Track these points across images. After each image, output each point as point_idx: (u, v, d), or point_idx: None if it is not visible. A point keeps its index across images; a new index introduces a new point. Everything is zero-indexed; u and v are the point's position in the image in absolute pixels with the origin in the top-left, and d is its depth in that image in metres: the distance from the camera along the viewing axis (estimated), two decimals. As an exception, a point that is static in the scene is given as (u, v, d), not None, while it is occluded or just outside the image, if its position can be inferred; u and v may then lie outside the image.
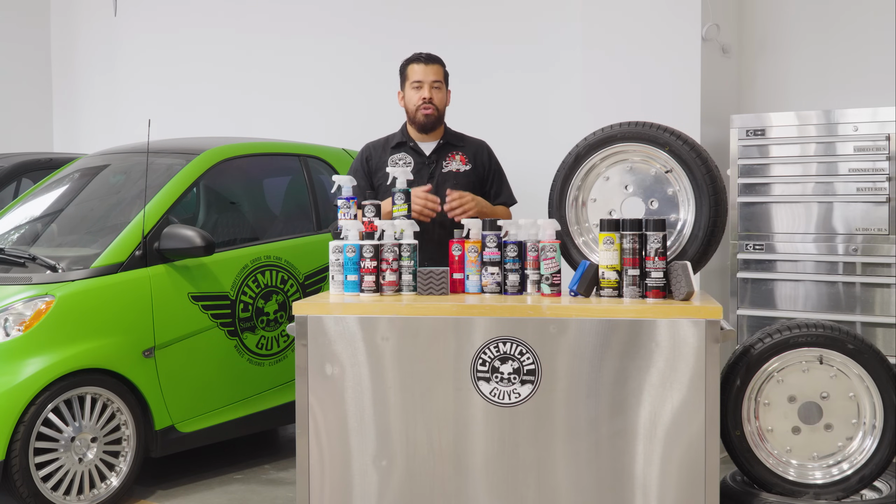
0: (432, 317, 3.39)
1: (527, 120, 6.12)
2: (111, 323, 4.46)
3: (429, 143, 4.28)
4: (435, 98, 4.23)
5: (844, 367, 3.63)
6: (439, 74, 4.27)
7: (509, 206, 4.37)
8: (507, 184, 4.39)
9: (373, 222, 3.71)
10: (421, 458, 3.40)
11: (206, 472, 5.05)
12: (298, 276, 5.25)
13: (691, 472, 3.29)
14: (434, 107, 4.22)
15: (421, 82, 4.23)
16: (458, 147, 4.31)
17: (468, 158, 4.29)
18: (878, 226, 4.56)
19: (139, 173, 4.99)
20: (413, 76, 4.25)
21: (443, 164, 4.24)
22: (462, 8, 6.41)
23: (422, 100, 4.21)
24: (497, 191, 4.34)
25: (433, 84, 4.23)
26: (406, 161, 4.24)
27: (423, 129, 4.25)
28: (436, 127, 4.27)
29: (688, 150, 3.64)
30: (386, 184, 4.13)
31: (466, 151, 4.31)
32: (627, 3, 5.33)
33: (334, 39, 7.04)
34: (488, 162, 4.35)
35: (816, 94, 5.35)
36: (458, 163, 4.25)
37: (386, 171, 4.21)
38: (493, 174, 4.35)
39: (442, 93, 4.27)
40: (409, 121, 4.30)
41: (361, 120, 6.53)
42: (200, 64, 7.72)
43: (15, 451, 4.09)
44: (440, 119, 4.28)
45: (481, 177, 4.31)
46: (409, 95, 4.26)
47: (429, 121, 4.22)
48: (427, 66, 4.25)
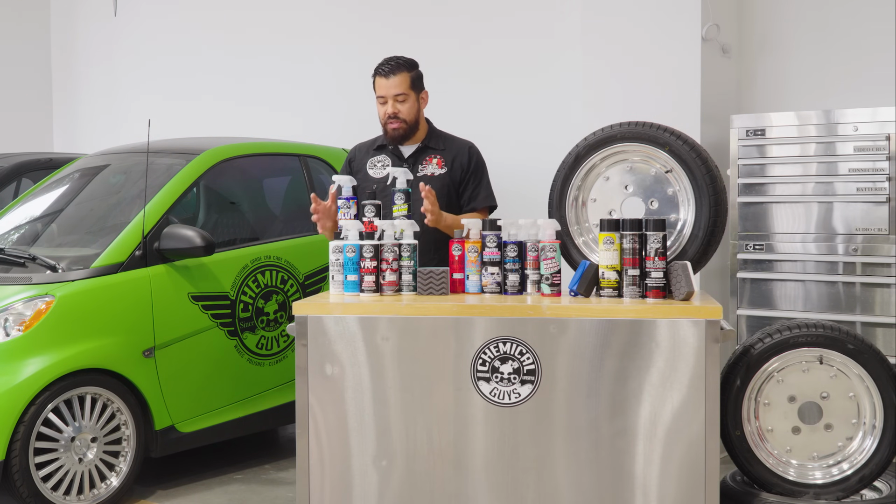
0: (432, 317, 3.39)
1: (527, 120, 6.11)
2: (111, 323, 4.46)
3: (409, 146, 4.24)
4: (401, 111, 4.13)
5: (844, 367, 3.63)
6: (403, 85, 4.13)
7: (485, 208, 4.23)
8: (485, 186, 4.25)
9: (373, 222, 3.71)
10: (421, 458, 3.41)
11: (206, 472, 5.05)
12: (298, 276, 5.25)
13: (691, 472, 3.29)
14: (400, 120, 4.13)
15: (384, 97, 4.14)
16: (438, 151, 4.22)
17: (445, 162, 4.20)
18: (878, 226, 4.56)
19: (139, 173, 4.99)
20: (378, 90, 4.17)
21: (418, 168, 4.19)
22: (461, 7, 6.41)
23: (386, 115, 4.15)
24: (472, 194, 4.21)
25: (396, 98, 4.12)
26: (384, 163, 4.21)
27: (394, 142, 4.20)
28: (408, 137, 4.19)
29: (688, 150, 3.64)
30: (364, 186, 4.09)
31: (445, 155, 4.22)
32: (627, 3, 5.32)
33: (335, 39, 7.04)
34: (467, 163, 4.23)
35: (816, 94, 5.35)
36: (433, 167, 4.18)
37: (369, 172, 4.22)
38: (469, 175, 4.22)
39: (409, 103, 4.14)
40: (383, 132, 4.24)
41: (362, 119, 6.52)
42: (200, 64, 7.72)
43: (15, 451, 4.09)
44: (412, 127, 4.18)
45: (458, 180, 4.21)
46: (378, 109, 4.20)
47: (397, 134, 4.15)
48: (389, 80, 4.12)
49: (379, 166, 4.21)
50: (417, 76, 4.22)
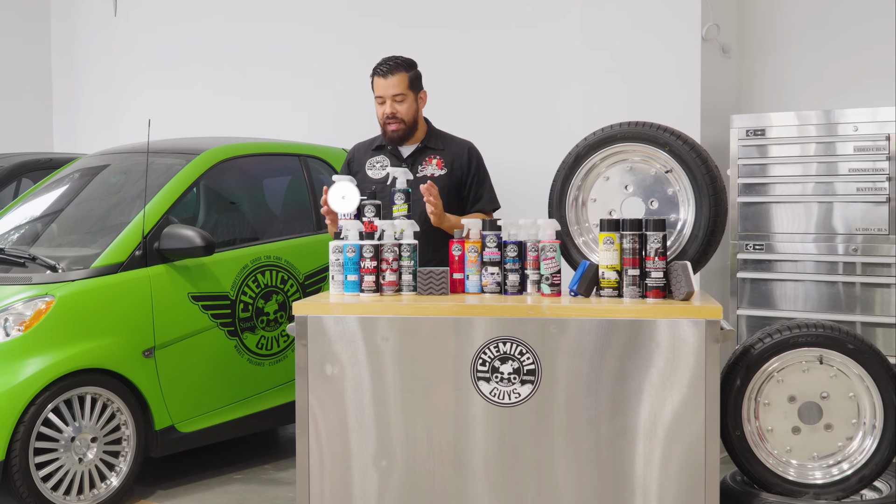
0: (432, 317, 3.39)
1: (526, 120, 6.12)
2: (111, 323, 4.46)
3: (408, 146, 4.23)
4: (399, 111, 4.12)
5: (844, 367, 3.63)
6: (402, 85, 4.12)
7: (490, 210, 4.24)
8: (488, 188, 4.26)
9: (373, 222, 3.71)
10: (421, 458, 3.41)
11: (206, 472, 5.05)
12: (298, 276, 5.25)
13: (691, 472, 3.29)
14: (399, 120, 4.13)
15: (382, 97, 4.14)
16: (437, 151, 4.21)
17: (445, 162, 4.19)
18: (878, 226, 4.56)
19: (139, 173, 4.99)
20: (376, 90, 4.16)
21: (418, 169, 4.18)
22: (461, 7, 6.41)
23: (385, 116, 4.14)
24: (476, 195, 4.22)
25: (394, 98, 4.11)
26: (383, 164, 4.20)
27: (393, 142, 4.19)
28: (407, 138, 4.19)
29: (688, 150, 3.64)
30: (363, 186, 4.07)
31: (445, 155, 4.21)
32: (627, 3, 5.33)
33: (335, 37, 7.04)
34: (468, 165, 4.22)
35: (816, 94, 5.35)
36: (433, 167, 4.17)
37: (367, 172, 4.21)
38: (472, 178, 4.22)
39: (407, 103, 4.14)
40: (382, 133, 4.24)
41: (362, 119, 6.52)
42: (200, 64, 7.72)
43: (15, 451, 4.09)
44: (411, 128, 4.17)
45: (458, 181, 4.20)
46: (376, 108, 4.19)
47: (396, 135, 4.15)
48: (387, 79, 4.12)
49: (378, 167, 4.20)
50: (416, 76, 4.20)
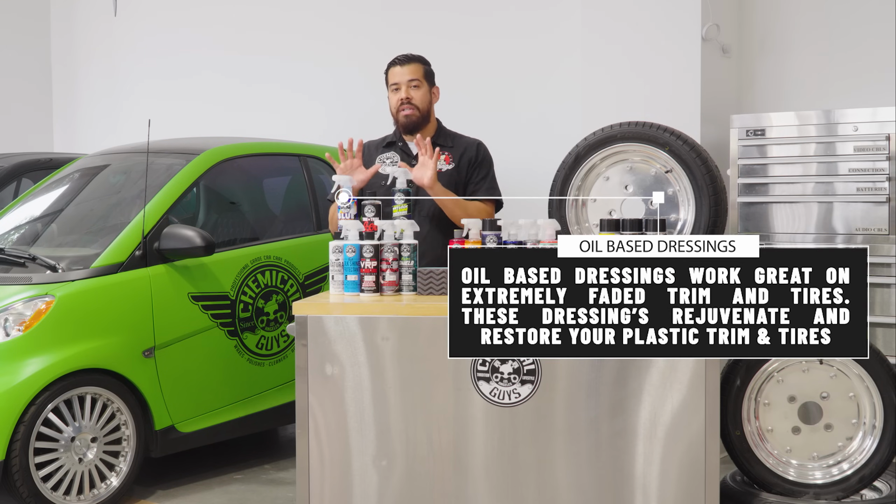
0: (432, 317, 3.38)
1: (527, 120, 6.12)
2: (111, 323, 4.46)
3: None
4: (414, 97, 4.17)
5: (844, 367, 3.63)
6: (417, 73, 4.21)
7: (492, 204, 4.22)
8: (490, 178, 4.26)
9: (373, 222, 3.71)
10: (421, 458, 3.41)
11: (206, 472, 5.05)
12: (298, 276, 5.25)
13: (691, 472, 3.29)
14: (413, 106, 4.17)
15: (398, 84, 4.19)
16: (446, 147, 4.24)
17: (453, 158, 4.22)
18: (878, 226, 4.56)
19: (139, 173, 4.99)
20: (391, 79, 4.22)
21: None
22: (461, 7, 6.41)
23: (400, 101, 4.18)
24: (477, 181, 4.22)
25: (410, 83, 4.17)
26: (393, 160, 4.21)
27: (406, 129, 4.21)
28: (420, 126, 4.21)
29: (688, 150, 3.64)
30: (379, 182, 4.11)
31: (454, 151, 4.24)
32: (627, 3, 5.32)
33: (336, 37, 7.04)
34: (475, 157, 4.24)
35: (816, 94, 5.35)
36: (441, 162, 4.16)
37: (382, 170, 4.22)
38: (476, 167, 4.23)
39: (422, 91, 4.20)
40: (395, 123, 4.28)
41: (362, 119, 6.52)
42: (200, 64, 7.71)
43: (15, 451, 4.09)
44: (424, 117, 4.21)
45: (464, 176, 4.22)
46: (390, 99, 4.24)
47: (409, 121, 4.18)
48: (403, 67, 4.20)
49: (388, 163, 4.21)
50: (430, 71, 4.28)
